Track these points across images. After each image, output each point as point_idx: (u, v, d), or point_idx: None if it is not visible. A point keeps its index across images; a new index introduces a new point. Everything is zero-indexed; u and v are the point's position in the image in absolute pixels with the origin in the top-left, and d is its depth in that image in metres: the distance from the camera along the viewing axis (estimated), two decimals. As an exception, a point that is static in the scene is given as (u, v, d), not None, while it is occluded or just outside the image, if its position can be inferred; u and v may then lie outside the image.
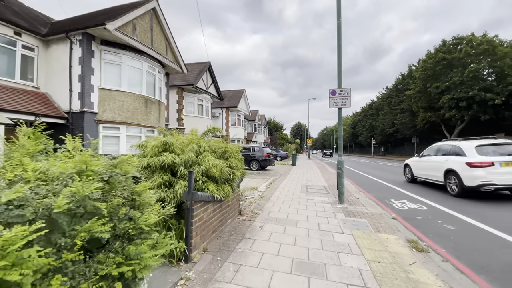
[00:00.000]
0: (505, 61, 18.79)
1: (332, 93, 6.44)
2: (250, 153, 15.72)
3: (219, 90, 21.12)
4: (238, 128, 26.70)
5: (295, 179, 11.63)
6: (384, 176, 13.29)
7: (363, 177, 12.87)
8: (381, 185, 10.13)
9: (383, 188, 9.46)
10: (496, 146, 7.19)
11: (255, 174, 13.64)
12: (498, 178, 6.55)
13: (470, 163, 6.96)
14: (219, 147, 4.37)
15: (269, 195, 7.49)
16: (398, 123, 37.45)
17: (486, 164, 6.72)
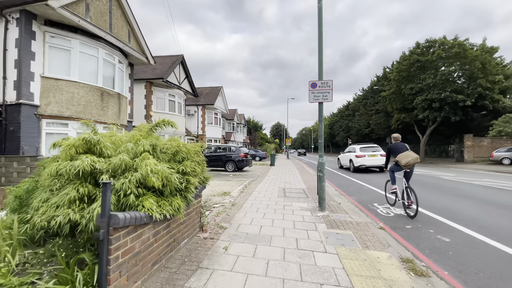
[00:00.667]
0: (476, 64, 19.57)
1: (312, 85, 5.67)
2: (226, 153, 14.70)
3: (193, 86, 19.81)
4: (215, 127, 25.49)
5: (272, 181, 10.83)
6: (362, 177, 12.95)
7: (342, 178, 12.42)
8: (361, 187, 9.64)
9: (363, 190, 8.97)
10: (367, 147, 15.25)
11: (231, 176, 12.65)
12: (367, 162, 14.45)
13: (357, 155, 14.72)
14: (169, 146, 3.37)
15: (242, 201, 6.57)
16: (373, 123, 38.40)
17: (362, 156, 14.56)
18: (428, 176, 13.03)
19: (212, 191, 8.19)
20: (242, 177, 12.20)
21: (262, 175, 13.02)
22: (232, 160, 14.37)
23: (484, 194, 7.82)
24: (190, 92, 19.62)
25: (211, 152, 15.11)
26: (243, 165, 14.52)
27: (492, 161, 20.77)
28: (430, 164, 23.11)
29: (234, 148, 14.84)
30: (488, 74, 20.23)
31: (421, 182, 10.76)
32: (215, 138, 25.49)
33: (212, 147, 15.38)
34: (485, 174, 13.67)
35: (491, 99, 20.76)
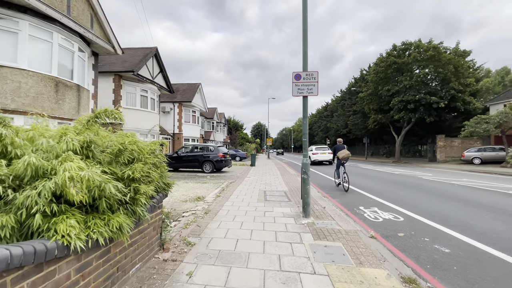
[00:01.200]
0: (449, 68, 20.36)
1: (296, 77, 5.05)
2: (203, 153, 13.77)
3: (168, 81, 18.59)
4: (193, 126, 24.31)
5: (252, 182, 10.14)
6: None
7: (323, 179, 12.05)
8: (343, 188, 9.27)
9: (346, 192, 8.57)
10: (320, 147, 22.34)
11: (208, 178, 11.79)
12: (319, 158, 20.99)
13: (313, 153, 21.18)
14: (110, 144, 2.54)
15: (218, 207, 5.80)
16: (351, 124, 39.19)
17: (316, 153, 21.17)
18: (408, 176, 13.06)
19: (184, 195, 7.31)
20: (220, 179, 11.39)
21: (242, 176, 12.30)
22: (209, 160, 13.49)
23: (468, 195, 7.72)
24: (165, 88, 18.38)
25: (187, 152, 14.10)
26: (221, 165, 13.69)
27: (463, 160, 21.75)
28: (406, 164, 23.76)
29: (212, 147, 13.96)
30: (460, 77, 21.17)
31: (404, 183, 10.65)
32: (193, 137, 24.32)
33: (189, 147, 14.38)
34: (461, 174, 14.03)
35: (462, 101, 21.75)
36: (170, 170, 13.16)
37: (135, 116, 15.47)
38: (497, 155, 20.24)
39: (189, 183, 9.89)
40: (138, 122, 15.61)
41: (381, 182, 10.68)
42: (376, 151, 40.26)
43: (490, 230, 4.43)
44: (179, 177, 12.12)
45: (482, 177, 12.30)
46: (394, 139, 33.16)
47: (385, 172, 15.22)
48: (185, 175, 12.76)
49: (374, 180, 11.53)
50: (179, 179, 11.12)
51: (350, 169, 17.13)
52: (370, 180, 11.53)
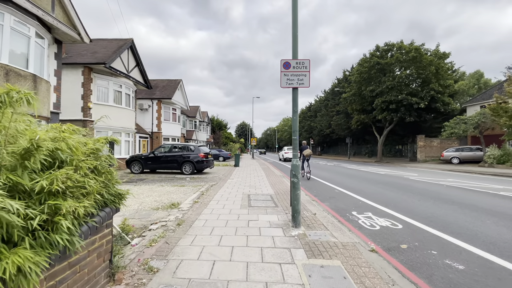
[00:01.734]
0: (430, 69, 20.77)
1: (285, 65, 4.39)
2: (182, 154, 12.80)
3: (146, 76, 17.36)
4: (173, 124, 23.08)
5: (236, 185, 9.39)
6: (331, 177, 12.30)
7: (310, 180, 11.55)
8: (331, 190, 8.80)
9: (335, 194, 8.09)
10: (290, 148, 26.53)
11: (187, 180, 10.88)
12: (290, 156, 24.36)
13: (285, 152, 28.30)
14: (14, 139, 1.71)
15: (194, 217, 5.01)
16: (334, 124, 39.50)
17: (288, 152, 27.47)
18: (394, 176, 12.89)
19: (156, 202, 6.43)
20: (200, 181, 10.53)
21: (225, 178, 11.51)
22: (190, 161, 12.55)
23: (461, 197, 7.47)
24: (142, 83, 17.15)
25: (165, 152, 13.06)
26: (202, 166, 12.80)
27: (443, 160, 22.31)
28: (388, 164, 24.04)
29: (193, 147, 13.03)
30: (440, 79, 21.68)
31: (392, 184, 10.36)
32: (173, 136, 23.10)
33: (167, 146, 13.34)
34: (445, 174, 14.13)
35: (442, 102, 22.31)
36: (146, 172, 12.11)
37: (108, 112, 14.11)
38: (474, 155, 20.94)
39: (165, 187, 8.96)
40: (111, 119, 14.33)
41: (369, 183, 10.33)
42: (358, 151, 40.88)
43: (498, 239, 4.01)
44: (155, 179, 11.10)
45: (466, 177, 12.38)
46: (376, 139, 33.68)
47: (370, 172, 15.05)
48: (162, 177, 11.75)
49: (361, 180, 11.19)
50: (154, 182, 10.13)
51: (334, 169, 16.86)
52: (357, 181, 11.18)
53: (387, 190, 8.70)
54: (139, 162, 12.99)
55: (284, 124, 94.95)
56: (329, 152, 55.72)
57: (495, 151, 17.71)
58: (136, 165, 13.03)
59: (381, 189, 8.83)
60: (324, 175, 13.18)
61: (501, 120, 14.94)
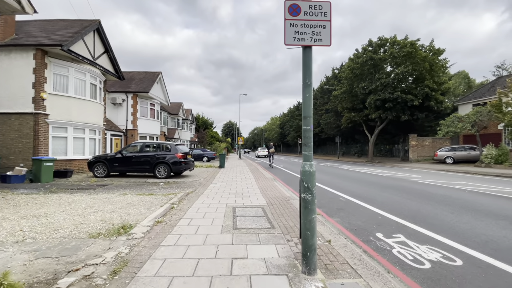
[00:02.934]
0: (425, 65, 19.91)
1: (291, 10, 2.70)
2: (156, 153, 10.83)
3: (117, 65, 15.14)
4: (151, 121, 20.85)
5: (218, 192, 7.62)
6: (329, 181, 10.81)
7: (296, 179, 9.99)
8: (336, 198, 7.25)
9: (342, 204, 6.54)
10: (262, 148, 43.02)
11: (160, 186, 8.98)
12: (261, 153, 39.54)
13: (258, 151, 42.57)
14: None
15: (146, 254, 3.21)
16: (324, 123, 38.48)
17: (260, 151, 41.33)
18: (399, 179, 11.59)
19: (103, 221, 4.55)
20: (175, 187, 8.67)
21: (206, 183, 9.69)
22: (165, 162, 10.61)
23: (500, 206, 6.12)
24: (112, 73, 14.92)
25: (136, 152, 11.04)
26: (180, 168, 10.89)
27: (436, 160, 21.56)
28: (380, 164, 23.08)
29: (169, 146, 11.08)
30: (434, 76, 20.89)
31: (403, 189, 8.96)
32: (151, 134, 20.87)
33: (138, 145, 11.30)
34: (449, 175, 13.07)
35: (435, 100, 21.57)
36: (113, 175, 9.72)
37: (68, 105, 11.96)
38: (469, 154, 20.31)
39: (127, 196, 7.03)
40: (72, 113, 12.14)
41: (376, 188, 8.89)
42: (347, 151, 40.14)
43: None
44: (120, 185, 9.11)
45: (475, 179, 11.30)
46: (366, 138, 32.88)
47: (369, 173, 13.74)
48: (130, 182, 9.76)
49: (365, 184, 9.74)
50: (117, 189, 8.15)
51: (329, 170, 15.39)
52: (361, 184, 9.73)
53: (403, 197, 7.25)
54: (104, 164, 10.89)
55: (272, 123, 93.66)
56: (317, 151, 54.90)
57: (492, 151, 17.00)
58: (100, 168, 10.92)
59: (395, 196, 7.38)
60: (321, 178, 11.67)
61: (505, 118, 14.08)
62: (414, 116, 22.54)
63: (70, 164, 12.02)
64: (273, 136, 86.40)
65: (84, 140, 12.77)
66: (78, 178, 10.99)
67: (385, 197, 7.24)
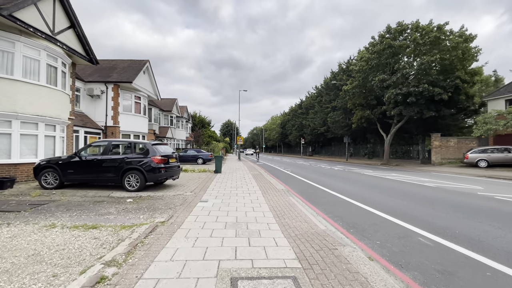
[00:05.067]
0: (457, 53, 17.02)
1: None
2: (126, 157, 7.84)
3: (87, 45, 12.16)
4: (136, 117, 17.85)
5: (207, 223, 4.69)
6: (374, 199, 7.87)
7: (331, 197, 7.06)
8: (414, 239, 4.32)
9: (422, 245, 3.60)
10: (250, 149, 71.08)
11: (123, 207, 6.03)
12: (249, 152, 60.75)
13: (246, 152, 66.48)
14: None
15: None
16: (331, 121, 35.53)
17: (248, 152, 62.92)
18: (458, 192, 8.66)
19: None
20: (144, 209, 5.73)
21: (192, 200, 6.75)
22: (137, 168, 7.63)
23: None
24: (80, 54, 11.94)
25: (99, 154, 8.07)
26: (158, 177, 7.89)
27: (466, 163, 18.67)
28: (398, 167, 20.20)
29: (145, 146, 8.09)
30: (465, 65, 18.03)
31: (491, 212, 6.04)
32: (136, 132, 17.87)
33: (102, 145, 8.32)
34: (502, 184, 10.16)
35: (465, 95, 18.71)
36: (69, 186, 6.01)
37: (11, 91, 8.98)
38: (506, 157, 17.44)
39: (54, 229, 4.07)
40: (18, 102, 9.20)
41: (451, 211, 5.96)
42: (356, 152, 37.25)
43: None
44: (69, 203, 6.18)
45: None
46: (378, 138, 30.01)
47: (407, 182, 10.86)
48: (86, 198, 6.82)
49: (426, 203, 6.80)
50: (54, 213, 5.21)
51: (349, 176, 12.31)
52: (419, 203, 6.79)
53: (504, 229, 4.34)
54: (55, 171, 7.92)
55: (272, 123, 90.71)
56: (321, 152, 51.99)
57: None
58: (50, 176, 7.96)
59: (490, 228, 4.46)
60: (349, 190, 8.76)
61: None
62: (440, 112, 19.63)
63: (15, 170, 9.05)
64: (273, 136, 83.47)
65: (38, 138, 9.78)
66: (20, 189, 8.00)
67: (475, 230, 4.31)
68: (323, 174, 14.00)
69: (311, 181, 11.14)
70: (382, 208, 6.12)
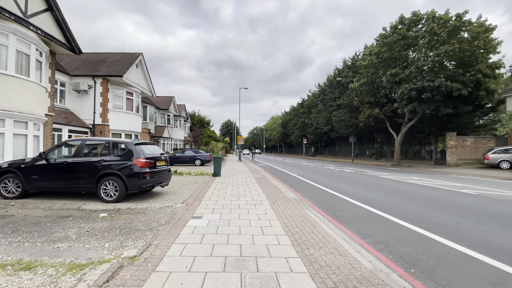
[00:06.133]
0: (479, 44, 15.56)
1: None
2: (102, 159, 6.35)
3: (68, 32, 10.72)
4: (128, 115, 16.40)
5: (199, 254, 3.24)
6: (380, 200, 6.40)
7: (358, 210, 5.60)
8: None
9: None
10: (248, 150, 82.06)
11: (92, 226, 4.59)
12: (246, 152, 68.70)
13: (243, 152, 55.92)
14: None
15: None
16: (336, 120, 34.01)
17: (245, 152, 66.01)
18: (506, 201, 7.20)
19: None
20: (117, 230, 4.29)
21: (183, 216, 5.30)
22: (115, 174, 6.17)
23: None
24: (59, 41, 10.49)
25: (70, 157, 6.59)
26: (143, 184, 6.40)
27: (487, 164, 17.21)
28: (411, 168, 18.73)
29: (126, 145, 6.58)
30: (485, 58, 16.57)
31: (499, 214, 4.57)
32: (128, 131, 16.42)
33: (73, 145, 6.84)
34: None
35: (485, 90, 17.25)
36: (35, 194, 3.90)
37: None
38: (532, 158, 16.04)
39: None
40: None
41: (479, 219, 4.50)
42: (361, 152, 35.78)
43: None
44: (26, 217, 4.77)
45: None
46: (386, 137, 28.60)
47: (438, 188, 9.45)
48: (51, 212, 5.40)
49: (484, 218, 5.33)
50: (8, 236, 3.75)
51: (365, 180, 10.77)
52: (472, 218, 5.32)
53: None
54: (17, 177, 6.46)
55: (273, 123, 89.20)
56: (324, 153, 50.53)
57: None
58: (11, 182, 6.51)
59: None
60: (375, 199, 7.30)
61: None
62: (458, 109, 18.13)
63: (-25, 175, 7.58)
64: (274, 136, 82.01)
65: (4, 137, 8.33)
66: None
67: None
68: (335, 178, 12.54)
69: (324, 186, 9.67)
70: (434, 227, 4.66)
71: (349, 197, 7.49)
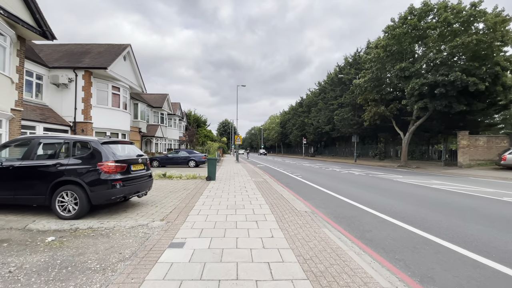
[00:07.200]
0: (497, 35, 14.33)
1: None
2: (58, 163, 4.89)
3: (38, 14, 9.24)
4: (114, 111, 14.90)
5: None
6: (412, 213, 5.04)
7: (393, 230, 4.23)
8: None
9: None
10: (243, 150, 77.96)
11: (29, 257, 3.11)
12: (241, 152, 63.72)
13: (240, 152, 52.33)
14: None
15: None
16: (338, 119, 32.68)
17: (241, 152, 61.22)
18: None
19: None
20: (55, 270, 2.87)
21: (158, 241, 3.92)
22: (75, 182, 4.73)
23: None
24: (28, 25, 9.00)
25: (20, 160, 5.13)
26: (110, 196, 4.93)
27: (503, 165, 15.98)
28: (420, 170, 17.47)
29: (90, 144, 5.13)
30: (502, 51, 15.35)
31: None
32: (114, 129, 14.92)
33: (23, 144, 5.38)
34: None
35: (502, 85, 16.02)
36: None
37: None
38: (554, 158, 14.85)
39: None
40: None
41: None
42: (364, 152, 34.52)
43: None
44: None
45: None
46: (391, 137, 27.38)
47: (470, 195, 8.10)
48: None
49: None
50: None
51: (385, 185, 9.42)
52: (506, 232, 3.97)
53: None
54: (-49, 185, 5.00)
55: (271, 122, 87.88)
56: (324, 153, 49.26)
57: None
58: None
59: None
60: (406, 211, 5.95)
61: None
62: (472, 106, 16.87)
63: None
64: (272, 136, 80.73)
65: (-50, 135, 6.84)
66: None
67: None
68: (345, 181, 11.20)
69: (337, 192, 8.30)
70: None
71: (371, 208, 6.12)
